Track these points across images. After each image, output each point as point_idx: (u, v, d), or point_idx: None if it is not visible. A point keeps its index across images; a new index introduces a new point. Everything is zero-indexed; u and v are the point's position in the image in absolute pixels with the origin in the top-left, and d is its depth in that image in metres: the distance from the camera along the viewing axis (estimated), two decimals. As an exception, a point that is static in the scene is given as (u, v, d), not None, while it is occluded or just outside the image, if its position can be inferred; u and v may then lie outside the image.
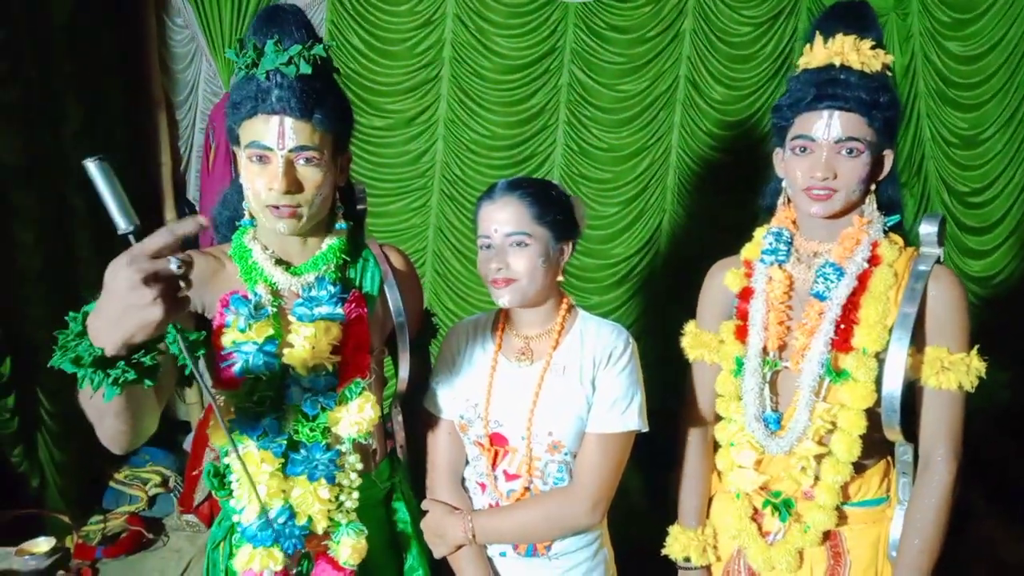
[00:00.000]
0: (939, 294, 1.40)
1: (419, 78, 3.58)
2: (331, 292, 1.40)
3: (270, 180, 1.30)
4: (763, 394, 1.50)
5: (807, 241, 1.53)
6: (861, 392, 1.40)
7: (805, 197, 1.44)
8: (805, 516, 1.49)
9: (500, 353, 1.58)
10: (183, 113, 3.81)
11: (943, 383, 1.39)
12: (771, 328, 1.50)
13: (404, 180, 3.70)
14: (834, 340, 1.42)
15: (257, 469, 1.34)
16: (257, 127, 1.31)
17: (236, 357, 1.34)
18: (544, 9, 3.53)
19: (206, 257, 1.42)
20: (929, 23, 3.47)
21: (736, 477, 1.54)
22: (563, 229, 1.54)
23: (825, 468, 1.45)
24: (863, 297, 1.42)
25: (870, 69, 1.40)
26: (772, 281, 1.51)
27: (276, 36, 1.30)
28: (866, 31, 1.43)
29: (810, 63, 1.46)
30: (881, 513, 1.53)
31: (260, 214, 1.36)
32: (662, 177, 3.75)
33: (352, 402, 1.40)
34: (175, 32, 3.67)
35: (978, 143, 3.55)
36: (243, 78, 1.33)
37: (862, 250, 1.44)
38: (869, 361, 1.40)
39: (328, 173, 1.36)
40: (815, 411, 1.44)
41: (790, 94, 1.47)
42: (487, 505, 1.58)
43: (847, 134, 1.39)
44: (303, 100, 1.30)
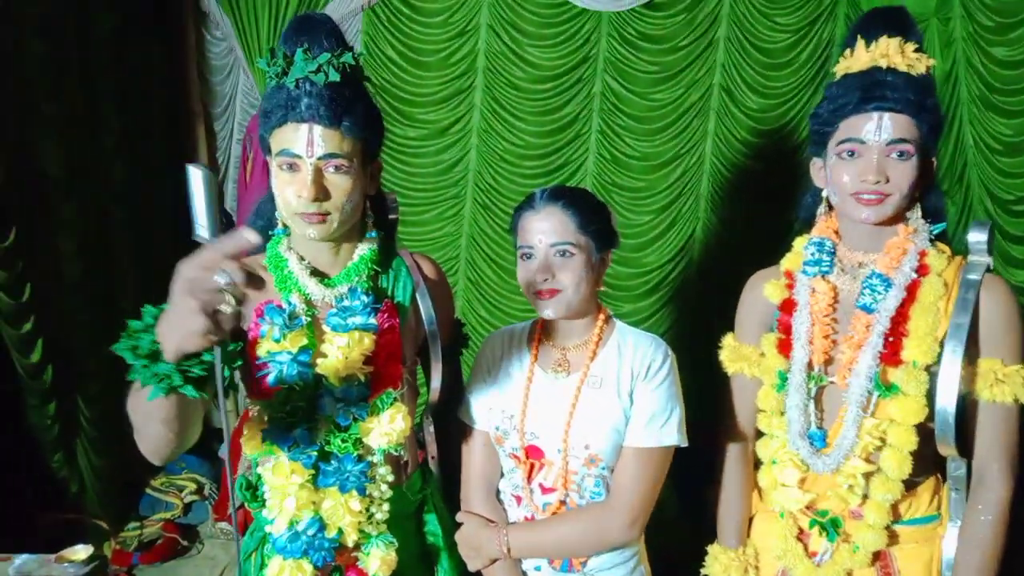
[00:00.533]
0: (992, 304, 1.36)
1: (453, 88, 3.60)
2: (364, 302, 1.40)
3: (299, 188, 1.31)
4: (808, 410, 1.46)
5: (851, 251, 1.49)
6: (912, 407, 1.36)
7: (854, 203, 1.40)
8: (854, 536, 1.45)
9: (536, 364, 1.57)
10: (220, 125, 3.88)
11: (997, 396, 1.35)
12: (816, 342, 1.46)
13: (437, 189, 3.73)
14: (883, 353, 1.39)
15: (287, 481, 1.34)
16: (287, 135, 1.31)
17: (271, 367, 1.34)
18: (577, 19, 3.53)
19: (243, 267, 1.42)
20: (972, 28, 3.39)
21: (780, 496, 1.50)
22: (604, 238, 1.53)
23: (875, 486, 1.42)
24: (912, 308, 1.39)
25: (916, 72, 1.37)
26: (816, 293, 1.48)
27: (305, 44, 1.31)
28: (909, 34, 1.40)
29: (851, 67, 1.42)
30: (933, 531, 1.49)
31: (291, 221, 1.36)
32: (695, 185, 3.72)
33: (384, 413, 1.39)
34: (213, 45, 3.75)
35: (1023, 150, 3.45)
36: (274, 87, 1.34)
37: (909, 260, 1.41)
38: (920, 375, 1.36)
39: (358, 181, 1.36)
40: (863, 427, 1.40)
41: (831, 100, 1.44)
42: (522, 518, 1.56)
43: (898, 135, 1.35)
44: (332, 108, 1.30)
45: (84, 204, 3.09)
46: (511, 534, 1.52)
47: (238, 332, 1.40)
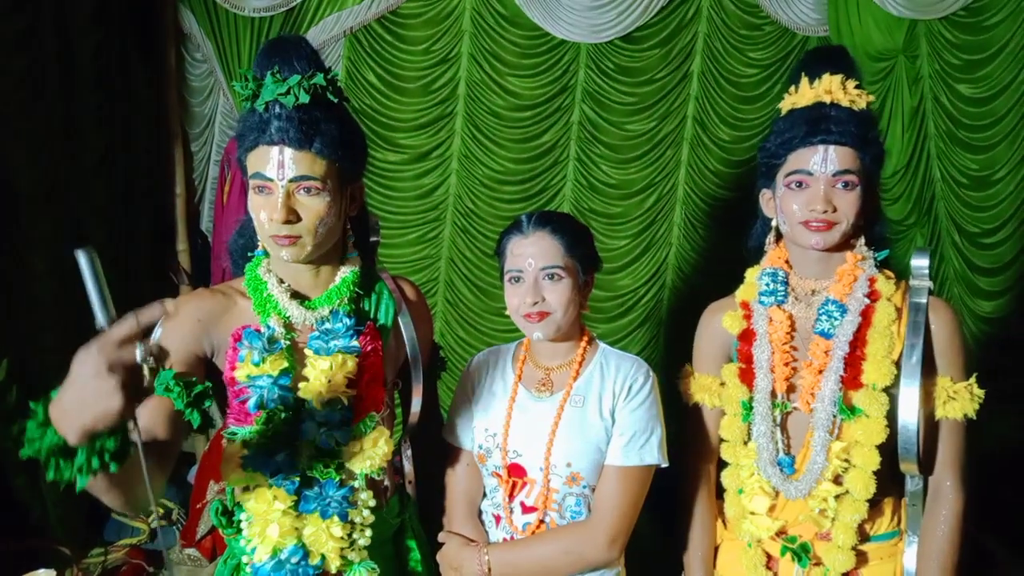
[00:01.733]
0: (940, 325, 1.44)
1: (433, 114, 3.63)
2: (347, 324, 1.39)
3: (271, 210, 1.30)
4: (775, 437, 1.49)
5: (803, 280, 1.54)
6: (875, 428, 1.41)
7: (803, 230, 1.45)
8: (824, 559, 1.47)
9: (520, 384, 1.59)
10: (199, 146, 3.87)
11: (949, 412, 1.42)
12: (778, 369, 1.50)
13: (418, 213, 3.75)
14: (843, 377, 1.43)
15: (269, 507, 1.32)
16: (259, 158, 1.31)
17: (250, 391, 1.32)
18: (557, 50, 3.59)
19: (215, 296, 1.41)
20: (939, 65, 3.50)
21: (750, 525, 1.52)
22: (589, 261, 1.57)
23: (842, 507, 1.45)
24: (868, 333, 1.44)
25: (857, 107, 1.44)
26: (773, 322, 1.52)
27: (276, 67, 1.31)
28: (850, 71, 1.48)
29: (797, 103, 1.49)
30: (894, 547, 1.53)
31: (266, 244, 1.36)
32: (669, 212, 3.79)
33: (367, 437, 1.39)
34: (194, 66, 3.75)
35: (989, 184, 3.55)
36: (247, 110, 1.34)
37: (861, 286, 1.46)
38: (881, 396, 1.41)
39: (333, 203, 1.34)
40: (831, 451, 1.44)
41: (779, 134, 1.50)
42: (502, 538, 1.56)
43: (843, 166, 1.42)
44: (301, 130, 1.29)
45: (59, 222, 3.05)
46: (492, 554, 1.52)
47: (210, 368, 1.39)
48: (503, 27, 3.54)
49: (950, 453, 1.46)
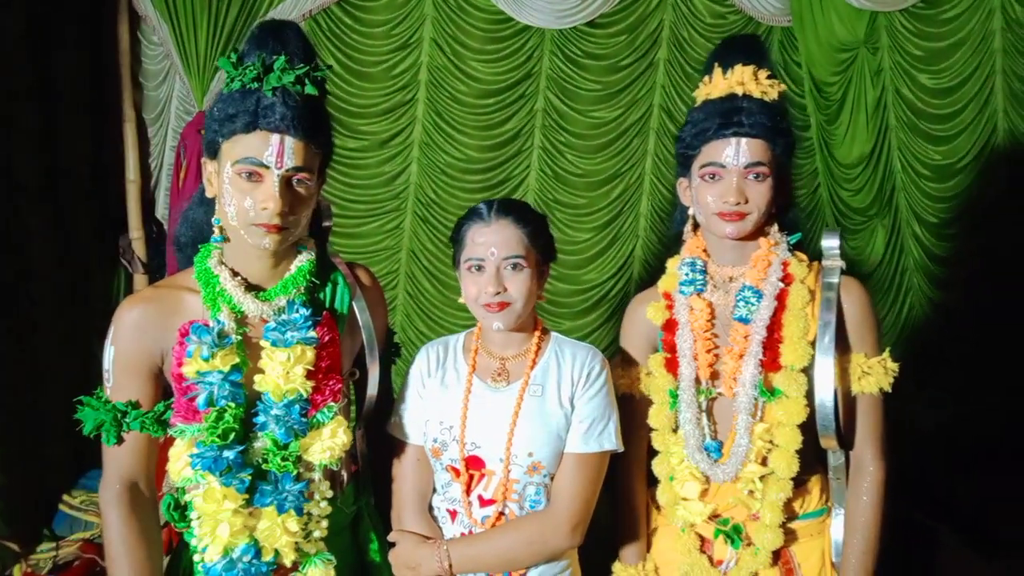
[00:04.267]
0: (851, 303, 1.49)
1: (394, 100, 3.59)
2: (304, 315, 1.37)
3: (264, 199, 1.28)
4: (702, 423, 1.54)
5: (720, 267, 1.58)
6: (795, 407, 1.45)
7: (718, 220, 1.49)
8: (754, 538, 1.51)
9: (475, 375, 1.56)
10: (154, 131, 3.77)
11: (865, 387, 1.47)
12: (700, 357, 1.54)
13: (377, 202, 3.70)
14: (763, 360, 1.48)
15: (218, 507, 1.30)
16: (253, 143, 1.29)
17: (199, 388, 1.30)
18: (520, 35, 3.57)
19: (158, 297, 1.39)
20: (900, 57, 3.53)
21: (682, 510, 1.54)
22: (548, 251, 1.57)
23: (768, 487, 1.49)
24: (784, 316, 1.49)
25: (769, 98, 1.48)
26: (694, 311, 1.56)
27: (284, 54, 1.30)
28: (762, 62, 1.51)
29: (711, 94, 1.52)
30: (823, 524, 1.58)
31: (243, 230, 1.32)
32: (635, 203, 3.78)
33: (325, 427, 1.37)
34: (149, 49, 3.65)
35: (951, 175, 3.59)
36: (239, 90, 1.30)
37: (775, 270, 1.51)
38: (799, 376, 1.46)
39: (315, 194, 1.37)
40: (754, 432, 1.48)
41: (693, 124, 1.52)
42: (459, 534, 1.53)
43: (755, 159, 1.46)
44: (306, 121, 1.29)
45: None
46: (452, 549, 1.49)
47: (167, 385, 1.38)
48: (466, 11, 3.50)
49: (869, 427, 1.51)
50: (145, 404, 1.36)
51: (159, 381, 1.38)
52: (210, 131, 1.34)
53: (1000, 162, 3.56)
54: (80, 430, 1.35)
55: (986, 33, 3.49)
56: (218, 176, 1.33)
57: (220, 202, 1.34)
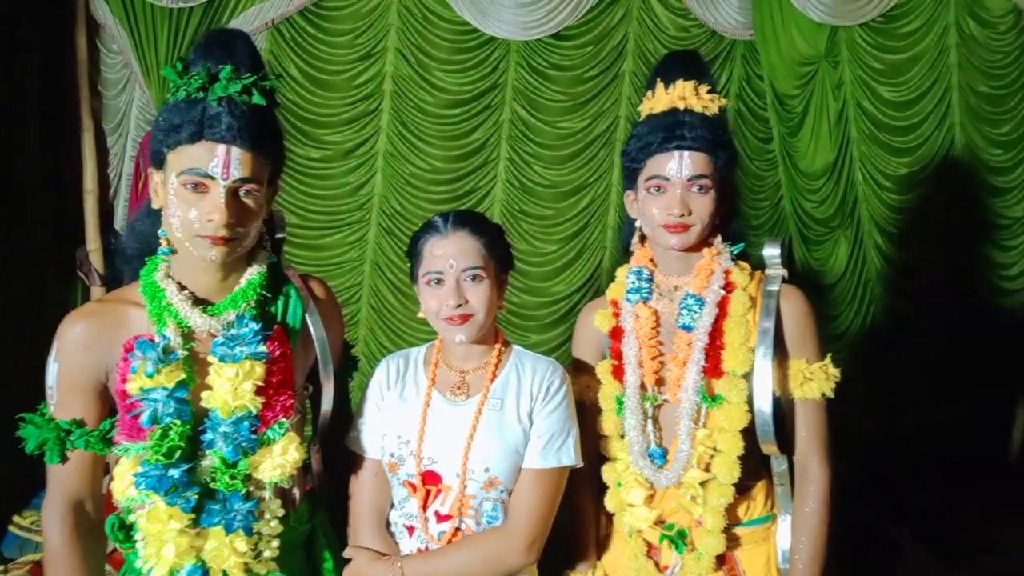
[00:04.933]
0: (792, 310, 1.52)
1: (358, 110, 3.57)
2: (253, 329, 1.34)
3: (210, 210, 1.26)
4: (646, 430, 1.56)
5: (666, 276, 1.61)
6: (736, 413, 1.48)
7: (663, 232, 1.53)
8: (697, 544, 1.53)
9: (434, 388, 1.55)
10: (113, 140, 3.70)
11: (807, 393, 1.50)
12: (646, 364, 1.57)
13: (341, 213, 3.66)
14: (705, 367, 1.51)
15: (163, 527, 1.27)
16: (198, 153, 1.27)
17: (144, 405, 1.27)
18: (486, 46, 3.57)
19: (104, 311, 1.36)
20: (861, 71, 3.58)
21: (628, 516, 1.56)
22: (506, 260, 1.57)
23: (710, 492, 1.51)
24: (725, 323, 1.52)
25: (710, 112, 1.52)
26: (640, 319, 1.59)
27: (231, 63, 1.28)
28: (703, 76, 1.55)
29: (654, 108, 1.56)
30: (768, 530, 1.60)
31: (188, 243, 1.30)
32: (603, 215, 3.79)
33: (276, 444, 1.35)
34: (108, 58, 3.60)
35: (912, 187, 3.65)
36: (185, 100, 1.28)
37: (717, 279, 1.55)
38: (739, 382, 1.49)
39: (264, 205, 1.34)
40: (696, 438, 1.51)
41: (638, 138, 1.56)
42: (415, 549, 1.51)
43: (697, 171, 1.50)
44: (253, 131, 1.28)
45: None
46: (406, 566, 1.47)
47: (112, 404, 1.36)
48: (431, 22, 3.50)
49: (812, 432, 1.53)
50: (90, 422, 1.32)
51: (104, 398, 1.35)
52: (155, 141, 1.32)
53: (958, 174, 3.63)
54: (32, 453, 1.32)
55: (942, 48, 3.56)
56: (164, 187, 1.31)
57: (165, 213, 1.31)
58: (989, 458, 3.68)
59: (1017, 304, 3.70)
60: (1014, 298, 3.71)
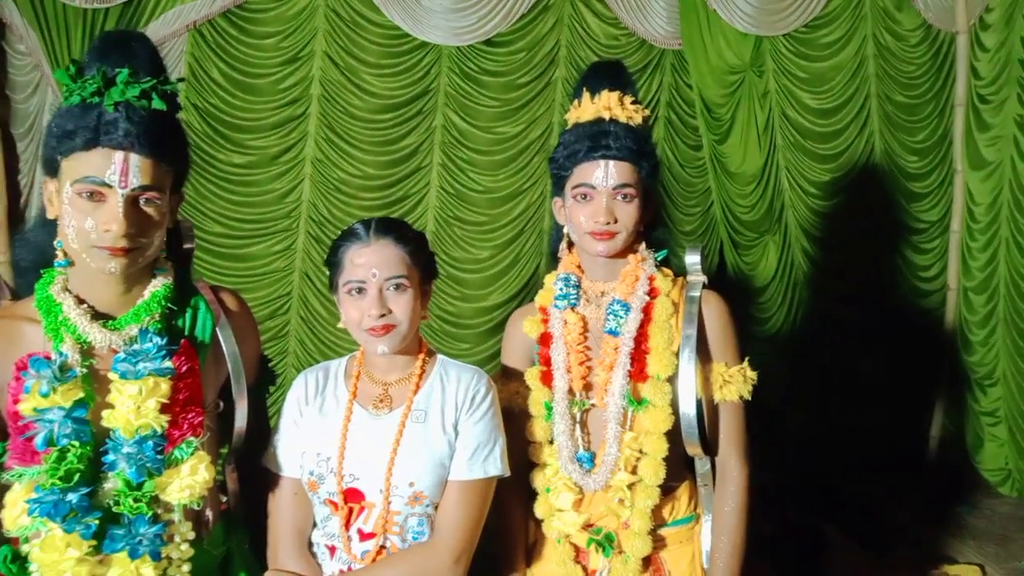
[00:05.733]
0: (712, 316, 1.57)
1: (284, 115, 3.49)
2: (157, 344, 1.30)
3: (107, 220, 1.21)
4: (575, 435, 1.58)
5: (593, 282, 1.63)
6: (660, 416, 1.51)
7: (590, 239, 1.55)
8: (624, 546, 1.54)
9: (356, 401, 1.51)
10: (23, 146, 3.52)
11: (726, 395, 1.54)
12: (574, 369, 1.59)
13: (267, 220, 3.57)
14: (631, 371, 1.54)
15: (60, 556, 1.21)
16: (94, 161, 1.22)
17: (38, 427, 1.22)
18: (417, 51, 3.54)
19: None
20: (786, 80, 3.68)
21: (557, 521, 1.57)
22: (430, 269, 1.55)
23: (637, 494, 1.53)
24: (650, 328, 1.55)
25: (635, 122, 1.56)
26: (567, 324, 1.61)
27: (128, 66, 1.24)
28: (627, 87, 1.59)
29: (580, 117, 1.59)
30: (691, 530, 1.63)
31: (85, 254, 1.24)
32: (538, 221, 3.78)
33: (184, 464, 1.31)
34: (16, 59, 3.43)
35: (836, 193, 3.75)
36: (79, 105, 1.24)
37: (642, 285, 1.58)
38: (663, 386, 1.52)
39: (167, 212, 1.31)
40: (623, 442, 1.53)
41: (565, 146, 1.59)
42: (338, 571, 1.47)
43: (622, 181, 1.53)
44: (153, 137, 1.24)
45: None
46: None
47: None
48: (360, 26, 3.45)
49: (731, 433, 1.57)
50: None
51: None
52: (48, 148, 1.27)
53: (878, 180, 3.76)
54: None
55: (861, 58, 3.69)
56: (58, 196, 1.25)
57: (61, 223, 1.25)
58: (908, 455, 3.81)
59: (935, 304, 3.85)
60: (932, 299, 3.85)
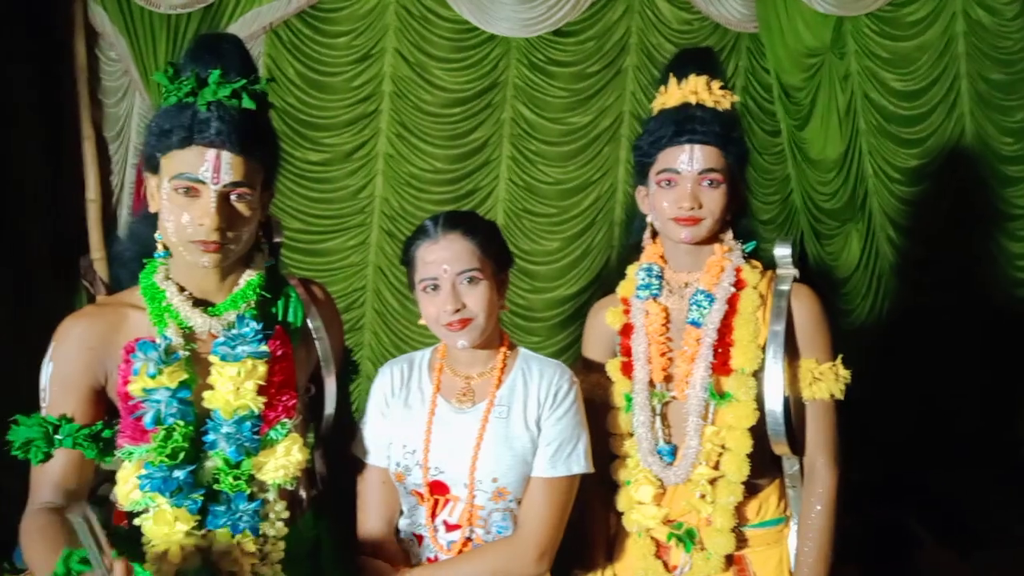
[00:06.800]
0: (802, 310, 1.53)
1: (357, 112, 3.55)
2: (254, 329, 1.34)
3: (200, 215, 1.26)
4: (655, 427, 1.56)
5: (676, 273, 1.61)
6: (744, 411, 1.48)
7: (674, 225, 1.53)
8: (706, 542, 1.52)
9: (439, 395, 1.52)
10: (115, 149, 3.70)
11: (816, 393, 1.51)
12: (654, 361, 1.57)
13: (342, 216, 3.65)
14: (714, 364, 1.51)
15: (170, 530, 1.26)
16: (188, 158, 1.27)
17: (146, 407, 1.27)
18: (486, 44, 3.55)
19: (103, 314, 1.37)
20: (868, 61, 3.52)
21: (636, 514, 1.56)
22: (504, 258, 1.53)
23: (718, 490, 1.51)
24: (735, 320, 1.53)
25: (722, 107, 1.53)
26: (649, 315, 1.59)
27: (220, 67, 1.29)
28: (715, 72, 1.57)
29: (666, 103, 1.56)
30: (780, 533, 1.59)
31: (181, 247, 1.30)
32: (609, 212, 3.75)
33: (279, 445, 1.34)
34: (108, 65, 3.60)
35: (922, 178, 3.57)
36: (175, 105, 1.29)
37: (727, 276, 1.55)
38: (748, 380, 1.49)
39: (259, 208, 1.35)
40: (704, 435, 1.51)
41: (649, 133, 1.57)
42: (425, 559, 1.49)
43: (708, 165, 1.50)
44: (243, 135, 1.28)
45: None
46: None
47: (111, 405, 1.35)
48: (429, 21, 3.48)
49: (820, 433, 1.53)
50: (81, 422, 1.30)
51: (99, 401, 1.33)
52: (148, 146, 1.33)
53: (969, 164, 3.56)
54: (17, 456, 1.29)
55: (950, 37, 3.48)
56: (158, 191, 1.31)
57: (160, 217, 1.32)
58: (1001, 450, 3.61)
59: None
60: (1027, 288, 3.63)
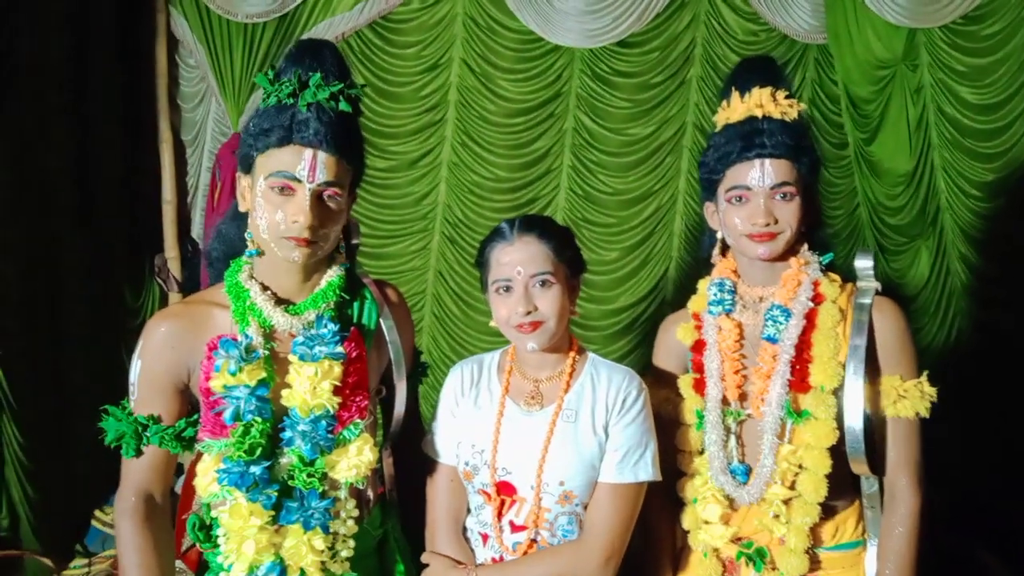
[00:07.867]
0: (885, 325, 1.46)
1: (423, 121, 3.60)
2: (332, 330, 1.37)
3: (295, 212, 1.30)
4: (728, 446, 1.52)
5: (750, 287, 1.57)
6: (823, 430, 1.43)
7: (748, 241, 1.49)
8: (779, 563, 1.48)
9: (508, 397, 1.53)
10: (191, 152, 3.84)
11: (900, 411, 1.44)
12: (728, 378, 1.52)
13: (406, 222, 3.70)
14: (791, 381, 1.46)
15: (244, 523, 1.29)
16: (285, 157, 1.31)
17: (226, 403, 1.31)
18: (550, 55, 3.56)
19: (188, 313, 1.41)
20: (942, 73, 3.41)
21: (704, 534, 1.52)
22: (576, 264, 1.54)
23: (794, 510, 1.46)
24: (813, 335, 1.47)
25: (790, 117, 1.48)
26: (722, 331, 1.55)
27: (320, 70, 1.33)
28: (779, 82, 1.51)
29: (731, 118, 1.52)
30: (858, 557, 1.53)
31: (274, 243, 1.34)
32: (669, 223, 3.71)
33: (351, 445, 1.37)
34: (186, 71, 3.73)
35: (1001, 193, 3.44)
36: (275, 106, 1.33)
37: (805, 290, 1.49)
38: (828, 398, 1.43)
39: (344, 210, 1.38)
40: (780, 454, 1.46)
41: (716, 149, 1.52)
42: (490, 559, 1.50)
43: (780, 179, 1.46)
44: (339, 136, 1.32)
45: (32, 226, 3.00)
46: (481, 575, 1.46)
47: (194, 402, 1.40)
48: (496, 32, 3.51)
49: (903, 453, 1.46)
50: (167, 419, 1.37)
51: (184, 397, 1.39)
52: (245, 146, 1.37)
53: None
54: (110, 445, 1.38)
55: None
56: (251, 190, 1.35)
57: (252, 215, 1.36)
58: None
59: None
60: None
